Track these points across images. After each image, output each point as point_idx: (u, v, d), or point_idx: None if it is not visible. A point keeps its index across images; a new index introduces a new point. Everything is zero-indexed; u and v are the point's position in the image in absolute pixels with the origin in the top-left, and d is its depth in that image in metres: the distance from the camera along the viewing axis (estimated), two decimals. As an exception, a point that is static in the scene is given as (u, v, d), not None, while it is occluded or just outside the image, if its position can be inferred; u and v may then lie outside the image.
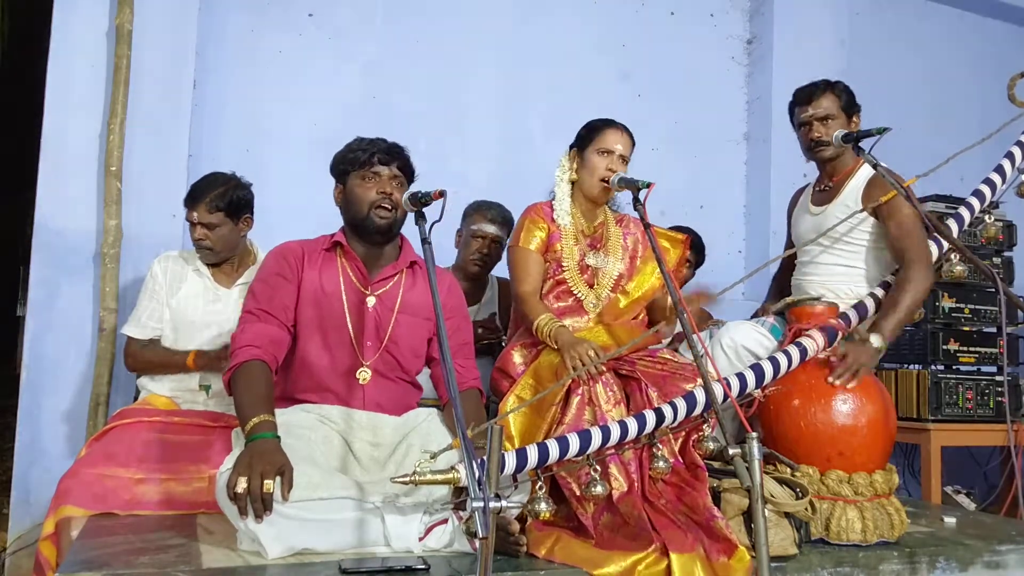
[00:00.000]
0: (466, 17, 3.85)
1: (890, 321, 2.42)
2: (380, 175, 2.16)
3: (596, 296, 2.49)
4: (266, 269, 2.20)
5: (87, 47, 3.05)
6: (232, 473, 1.77)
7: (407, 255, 2.28)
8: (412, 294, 2.24)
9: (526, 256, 2.50)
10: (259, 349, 2.03)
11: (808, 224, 2.73)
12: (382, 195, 2.14)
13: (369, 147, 2.16)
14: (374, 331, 2.19)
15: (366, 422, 2.16)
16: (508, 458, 1.91)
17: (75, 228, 2.99)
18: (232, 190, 2.54)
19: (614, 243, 2.56)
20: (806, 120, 2.62)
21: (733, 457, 1.73)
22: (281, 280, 2.15)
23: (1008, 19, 5.03)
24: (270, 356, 2.04)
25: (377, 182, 2.16)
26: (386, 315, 2.20)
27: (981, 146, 2.55)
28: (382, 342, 2.19)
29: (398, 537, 1.85)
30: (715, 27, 4.37)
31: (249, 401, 1.93)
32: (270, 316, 2.11)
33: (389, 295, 2.22)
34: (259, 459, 1.78)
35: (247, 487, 1.73)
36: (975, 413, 3.39)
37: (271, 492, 1.73)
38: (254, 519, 1.75)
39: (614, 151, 2.46)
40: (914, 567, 2.10)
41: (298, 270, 2.17)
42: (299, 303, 2.16)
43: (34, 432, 2.90)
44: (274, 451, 1.82)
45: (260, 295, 2.14)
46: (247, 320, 2.12)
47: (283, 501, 1.75)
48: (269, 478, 1.74)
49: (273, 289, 2.14)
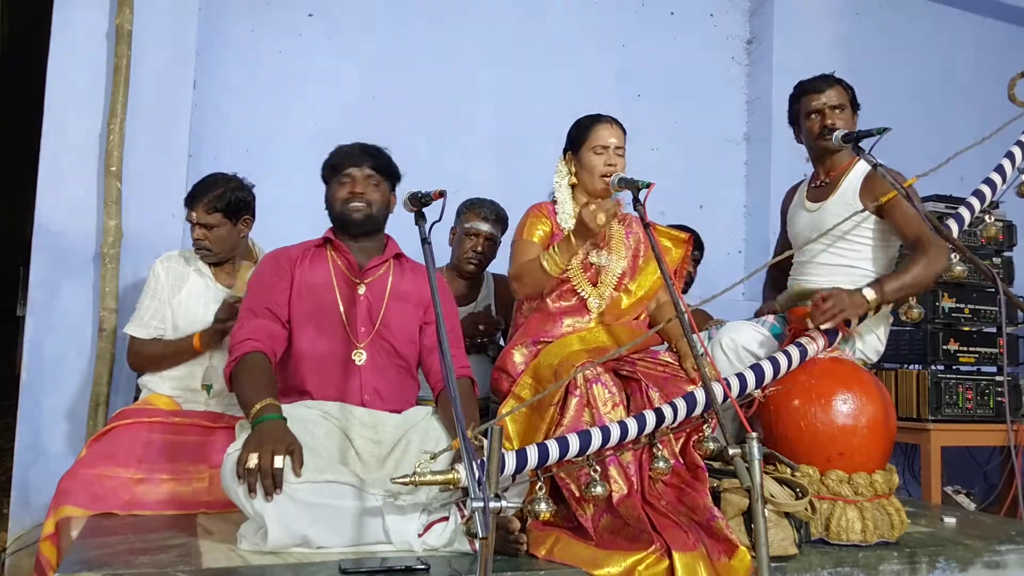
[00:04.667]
0: (466, 17, 3.85)
1: (893, 282, 2.38)
2: (352, 176, 2.28)
3: (599, 295, 2.49)
4: (261, 270, 2.29)
5: (87, 47, 3.05)
6: (243, 451, 1.81)
7: (391, 249, 2.37)
8: (401, 282, 2.33)
9: (528, 247, 2.49)
10: (258, 342, 2.09)
11: (805, 221, 2.72)
12: (350, 194, 2.26)
13: (341, 152, 2.31)
14: (367, 316, 2.25)
15: (367, 419, 2.18)
16: (508, 458, 1.91)
17: (75, 228, 2.99)
18: (231, 191, 2.55)
19: (617, 242, 2.56)
20: (818, 108, 2.60)
21: (733, 457, 1.73)
22: (275, 279, 2.23)
23: (1008, 19, 5.03)
24: (268, 349, 2.11)
25: (349, 183, 2.27)
26: (377, 301, 2.28)
27: (981, 146, 2.55)
28: (374, 325, 2.25)
29: (398, 533, 1.87)
30: (715, 27, 4.37)
31: (252, 388, 1.98)
32: (267, 311, 2.18)
33: (379, 283, 2.30)
34: (269, 437, 1.82)
35: (258, 463, 1.77)
36: (975, 413, 3.39)
37: (281, 468, 1.77)
38: (263, 497, 1.77)
39: (609, 145, 2.46)
40: (914, 567, 2.10)
41: (291, 270, 2.25)
42: (293, 298, 2.23)
43: (34, 432, 2.90)
44: (283, 431, 1.87)
45: (256, 294, 2.22)
46: (244, 317, 2.18)
47: (295, 477, 1.78)
48: (280, 454, 1.78)
49: (268, 288, 2.22)
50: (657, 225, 2.54)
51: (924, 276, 2.41)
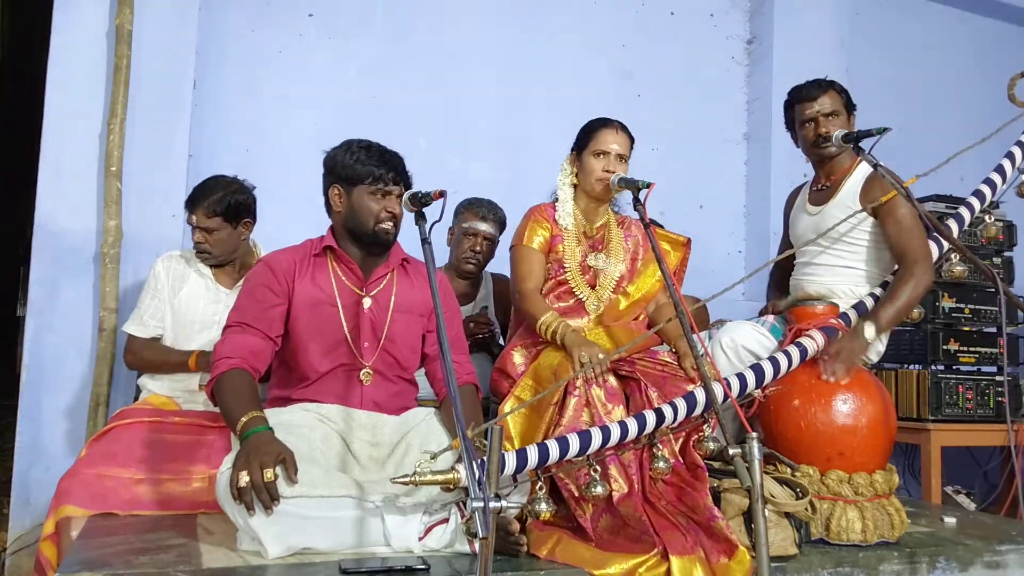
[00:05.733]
0: (466, 17, 3.85)
1: (887, 312, 2.41)
2: (391, 194, 2.18)
3: (597, 297, 2.49)
4: (253, 280, 2.19)
5: (87, 47, 3.05)
6: (232, 471, 1.78)
7: (397, 254, 2.29)
8: (405, 292, 2.26)
9: (529, 254, 2.50)
10: (237, 359, 2.03)
11: (806, 224, 2.72)
12: (390, 214, 2.17)
13: (382, 163, 2.17)
14: (371, 331, 2.20)
15: (366, 421, 2.16)
16: (508, 458, 1.91)
17: (75, 228, 2.99)
18: (231, 195, 2.54)
19: (615, 245, 2.56)
20: (811, 116, 2.60)
21: (733, 457, 1.73)
22: (268, 292, 2.14)
23: (1008, 19, 5.03)
24: (248, 366, 2.04)
25: (387, 200, 2.18)
26: (381, 315, 2.21)
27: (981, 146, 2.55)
28: (379, 341, 2.20)
29: (398, 537, 1.86)
30: (715, 27, 4.37)
31: (235, 403, 1.94)
32: (251, 328, 2.10)
33: (383, 294, 2.24)
34: (255, 452, 1.79)
35: (249, 480, 1.74)
36: (975, 413, 3.39)
37: (272, 480, 1.74)
38: (262, 513, 1.75)
39: (610, 151, 2.46)
40: (914, 567, 2.10)
41: (287, 284, 2.16)
42: (292, 315, 2.16)
43: (34, 432, 2.90)
44: (269, 442, 1.83)
45: (244, 308, 2.14)
46: (227, 333, 2.12)
47: (290, 485, 1.76)
48: (269, 467, 1.75)
49: (258, 301, 2.13)
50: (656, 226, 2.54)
51: (914, 297, 2.45)
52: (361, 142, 2.22)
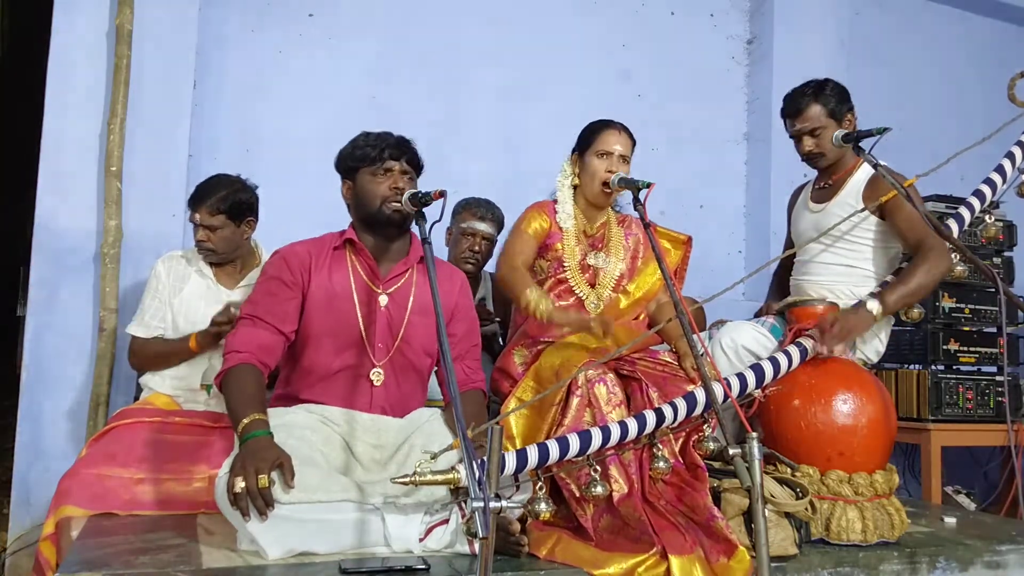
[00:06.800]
0: (466, 17, 3.85)
1: (895, 292, 2.39)
2: (392, 170, 2.14)
3: (597, 296, 2.49)
4: (268, 273, 2.17)
5: (87, 47, 3.05)
6: (229, 475, 1.78)
7: (416, 251, 2.23)
8: (425, 293, 2.19)
9: (522, 236, 2.48)
10: (246, 354, 2.02)
11: (808, 222, 2.73)
12: (394, 190, 2.12)
13: (378, 142, 2.15)
14: (387, 331, 2.16)
15: (370, 424, 2.14)
16: (508, 458, 1.91)
17: (75, 228, 2.99)
18: (235, 193, 2.54)
19: (615, 243, 2.56)
20: (795, 134, 2.63)
21: (733, 457, 1.73)
22: (282, 286, 2.13)
23: (1008, 19, 5.03)
24: (257, 360, 2.03)
25: (389, 177, 2.14)
26: (399, 315, 2.18)
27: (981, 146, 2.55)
28: (395, 341, 2.16)
29: (398, 538, 1.85)
30: (715, 27, 4.37)
31: (239, 403, 1.94)
32: (264, 322, 2.09)
33: (401, 293, 2.20)
34: (252, 457, 1.78)
35: (244, 486, 1.73)
36: (975, 413, 3.39)
37: (267, 487, 1.73)
38: (258, 518, 1.74)
39: (613, 152, 2.46)
40: (914, 567, 2.10)
41: (303, 277, 2.14)
42: (307, 310, 2.13)
43: (34, 432, 2.90)
44: (267, 447, 1.82)
45: (258, 300, 2.13)
46: (241, 324, 2.12)
47: (286, 490, 1.75)
48: (264, 473, 1.74)
49: (272, 295, 2.12)
50: (657, 226, 2.54)
51: (926, 282, 2.41)
52: (360, 133, 2.22)
